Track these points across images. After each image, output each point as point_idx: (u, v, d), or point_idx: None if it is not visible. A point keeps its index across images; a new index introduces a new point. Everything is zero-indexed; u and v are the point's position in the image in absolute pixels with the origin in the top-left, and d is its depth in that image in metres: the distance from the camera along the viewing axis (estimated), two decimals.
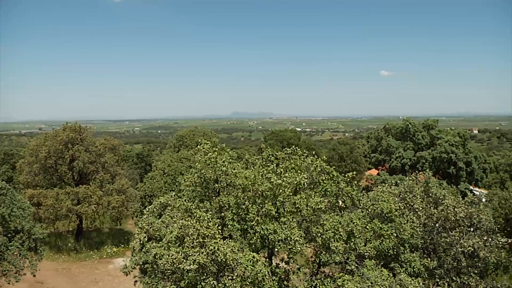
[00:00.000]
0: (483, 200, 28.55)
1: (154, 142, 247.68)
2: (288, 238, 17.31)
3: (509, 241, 30.44)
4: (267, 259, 19.77)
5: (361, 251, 19.12)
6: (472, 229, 24.55)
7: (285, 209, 18.59)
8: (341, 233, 17.83)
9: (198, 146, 20.89)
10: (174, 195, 22.69)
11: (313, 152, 22.68)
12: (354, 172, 21.60)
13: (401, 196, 25.46)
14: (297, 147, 22.31)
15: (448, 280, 23.77)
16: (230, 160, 20.83)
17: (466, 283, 23.64)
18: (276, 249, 18.92)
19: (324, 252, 18.74)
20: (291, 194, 18.67)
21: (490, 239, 25.06)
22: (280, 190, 18.36)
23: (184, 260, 16.04)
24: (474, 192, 63.74)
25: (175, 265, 16.26)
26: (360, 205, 22.23)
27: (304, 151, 21.92)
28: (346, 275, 17.64)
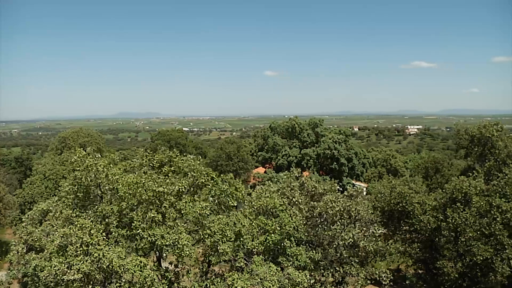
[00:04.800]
0: (364, 193, 30.67)
1: (35, 145, 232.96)
2: (176, 242, 17.23)
3: (386, 231, 33.07)
4: (156, 263, 19.51)
5: (249, 247, 19.61)
6: (352, 221, 26.33)
7: (171, 214, 18.48)
8: (228, 235, 18.10)
9: (75, 155, 19.80)
10: (56, 201, 21.52)
11: (198, 152, 22.84)
12: (231, 175, 21.95)
13: (280, 191, 26.56)
14: (184, 147, 22.30)
15: (332, 270, 25.30)
16: (110, 164, 20.18)
17: (348, 272, 25.34)
18: (164, 254, 18.73)
19: (213, 254, 18.93)
20: (175, 200, 18.61)
21: (369, 229, 27.07)
22: (164, 197, 18.24)
23: (68, 270, 15.31)
24: (356, 186, 68.25)
25: (58, 277, 15.45)
26: (246, 203, 22.82)
27: (191, 150, 22.00)
28: (235, 273, 17.98)
